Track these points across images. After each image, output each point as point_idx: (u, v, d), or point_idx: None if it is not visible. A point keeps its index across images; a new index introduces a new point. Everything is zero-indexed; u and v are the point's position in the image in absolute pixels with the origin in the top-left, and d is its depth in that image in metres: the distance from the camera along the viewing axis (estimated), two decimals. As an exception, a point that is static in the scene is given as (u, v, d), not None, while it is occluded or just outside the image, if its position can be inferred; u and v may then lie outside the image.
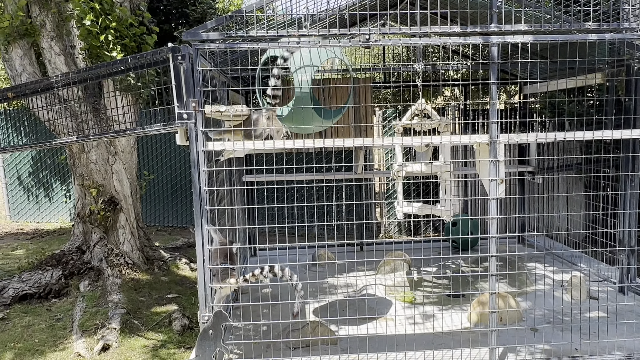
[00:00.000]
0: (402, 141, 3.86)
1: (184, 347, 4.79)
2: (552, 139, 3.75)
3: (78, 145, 6.46)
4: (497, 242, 3.68)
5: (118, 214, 6.63)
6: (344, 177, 7.12)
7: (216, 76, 4.67)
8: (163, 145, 10.25)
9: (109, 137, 4.82)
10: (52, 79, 4.17)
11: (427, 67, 6.41)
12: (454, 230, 7.13)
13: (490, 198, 3.65)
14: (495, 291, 3.68)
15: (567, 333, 4.25)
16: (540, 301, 5.03)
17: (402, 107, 8.57)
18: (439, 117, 4.66)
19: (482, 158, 3.81)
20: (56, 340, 4.92)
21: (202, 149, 3.44)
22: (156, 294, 6.10)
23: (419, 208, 4.71)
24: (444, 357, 3.83)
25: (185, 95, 3.40)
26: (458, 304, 5.26)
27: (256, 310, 4.75)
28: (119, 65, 3.82)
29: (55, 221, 10.74)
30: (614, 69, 5.15)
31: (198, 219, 3.48)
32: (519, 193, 7.46)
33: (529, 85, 6.87)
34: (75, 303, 5.72)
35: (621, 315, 4.58)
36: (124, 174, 6.73)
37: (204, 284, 3.51)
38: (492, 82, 3.52)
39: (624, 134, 3.77)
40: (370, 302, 5.23)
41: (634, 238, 5.15)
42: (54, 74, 6.04)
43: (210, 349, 3.49)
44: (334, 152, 8.45)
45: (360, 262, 6.62)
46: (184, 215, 10.39)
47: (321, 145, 3.60)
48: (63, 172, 10.60)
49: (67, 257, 6.53)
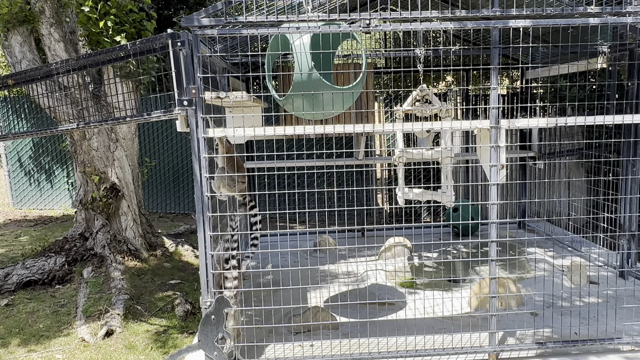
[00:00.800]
0: (403, 127, 3.85)
1: (187, 332, 4.84)
2: (554, 124, 3.74)
3: (79, 133, 6.46)
4: (497, 227, 3.69)
5: (120, 201, 6.66)
6: (345, 163, 7.12)
7: (216, 62, 4.65)
8: (164, 132, 10.25)
9: (110, 124, 4.82)
10: (51, 65, 4.16)
11: (429, 52, 6.36)
12: (454, 215, 7.15)
13: (490, 183, 3.65)
14: (495, 276, 3.70)
15: (567, 317, 4.29)
16: (540, 286, 5.06)
17: (403, 92, 8.54)
18: (440, 103, 4.65)
19: (483, 144, 3.81)
20: (60, 326, 4.97)
21: (202, 135, 3.44)
22: (159, 280, 6.14)
23: (420, 194, 4.72)
24: (444, 342, 3.86)
25: (185, 81, 3.39)
26: (458, 288, 5.29)
27: (258, 295, 4.79)
28: (118, 52, 3.80)
29: (58, 208, 10.79)
30: (616, 53, 5.12)
31: (199, 206, 3.49)
32: (520, 178, 7.45)
33: (530, 70, 6.83)
34: (78, 289, 5.77)
35: (621, 300, 4.60)
36: (126, 161, 6.73)
37: (206, 269, 3.54)
38: (493, 67, 3.51)
39: (625, 119, 3.76)
40: (371, 287, 5.26)
41: (634, 223, 5.16)
42: (54, 61, 6.03)
43: (212, 334, 3.53)
44: (334, 138, 8.44)
45: (361, 248, 6.66)
46: (186, 202, 10.42)
47: (322, 131, 3.60)
48: (65, 159, 10.62)
49: (70, 243, 6.57)
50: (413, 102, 4.69)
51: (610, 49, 5.11)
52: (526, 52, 6.38)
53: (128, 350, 4.47)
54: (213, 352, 3.53)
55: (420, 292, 5.08)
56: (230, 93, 3.57)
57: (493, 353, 3.70)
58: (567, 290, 4.99)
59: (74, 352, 4.44)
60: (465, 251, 6.59)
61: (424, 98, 4.70)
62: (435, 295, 4.91)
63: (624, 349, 3.81)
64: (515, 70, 8.85)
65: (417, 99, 4.74)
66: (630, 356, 3.72)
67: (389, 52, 7.87)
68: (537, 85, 7.15)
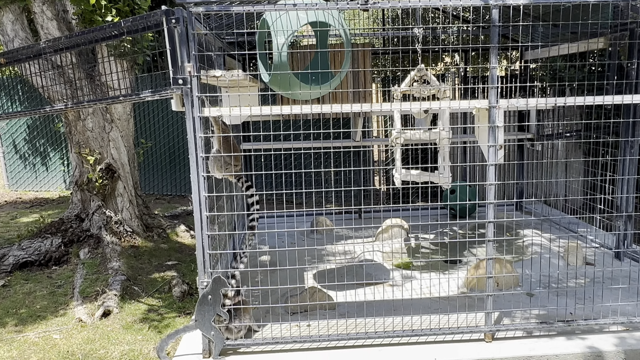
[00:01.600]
0: (400, 107, 3.81)
1: (184, 312, 4.85)
2: (552, 104, 3.71)
3: (74, 113, 6.39)
4: (494, 208, 3.67)
5: (116, 182, 6.62)
6: (342, 144, 7.08)
7: (212, 41, 4.58)
8: (160, 113, 10.16)
9: (104, 104, 4.76)
10: (44, 44, 4.08)
11: (427, 31, 6.29)
12: (452, 197, 7.15)
13: (488, 164, 3.63)
14: (492, 257, 3.70)
15: (562, 298, 4.31)
16: (536, 267, 5.08)
17: (401, 74, 8.47)
18: (439, 83, 4.60)
19: (481, 124, 3.78)
20: (57, 307, 4.98)
21: (198, 114, 3.39)
22: (156, 261, 6.14)
23: (417, 175, 4.70)
24: (441, 322, 3.88)
25: (180, 60, 3.33)
26: (455, 269, 5.31)
27: (255, 276, 4.79)
28: (112, 30, 3.73)
29: (54, 190, 10.75)
30: (617, 33, 5.06)
31: (195, 186, 3.46)
32: (517, 160, 7.44)
33: (530, 51, 6.76)
34: (75, 270, 5.76)
35: (616, 281, 4.62)
36: (121, 141, 6.68)
37: (203, 250, 3.53)
38: (492, 46, 3.46)
39: (625, 99, 3.73)
40: (368, 268, 5.27)
41: (631, 204, 5.16)
42: (47, 39, 5.93)
43: (209, 314, 3.53)
44: (332, 119, 8.39)
45: (358, 229, 6.66)
46: (182, 184, 10.39)
47: (318, 111, 3.56)
48: (59, 141, 10.55)
49: (67, 225, 6.55)
50: (411, 82, 4.64)
51: (611, 28, 5.06)
52: (525, 32, 6.31)
53: (125, 330, 4.48)
54: (210, 331, 3.54)
55: (416, 273, 5.09)
56: (226, 72, 3.52)
57: (489, 333, 3.72)
58: (563, 271, 5.01)
59: (71, 332, 4.45)
60: (461, 232, 6.60)
61: (422, 79, 4.65)
62: (431, 275, 4.93)
63: (618, 329, 3.84)
64: (514, 51, 8.78)
65: (415, 79, 4.69)
66: (625, 336, 3.74)
67: (387, 32, 7.78)
68: (535, 66, 7.10)
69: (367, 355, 3.56)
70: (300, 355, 3.59)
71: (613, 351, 3.57)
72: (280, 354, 3.62)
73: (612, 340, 3.68)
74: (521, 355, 3.54)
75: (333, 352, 3.63)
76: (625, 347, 3.58)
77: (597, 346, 3.60)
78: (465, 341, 3.73)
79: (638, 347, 3.59)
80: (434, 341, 3.73)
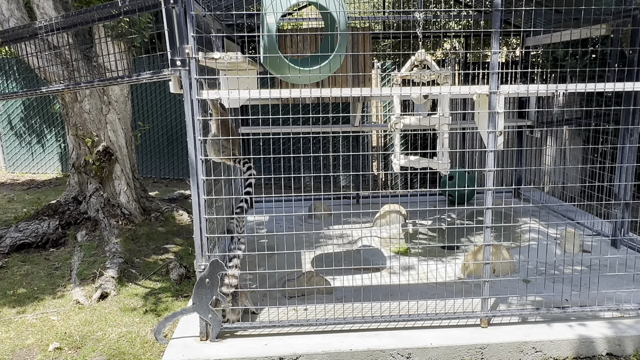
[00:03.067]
0: (400, 92, 3.78)
1: (182, 295, 4.86)
2: (553, 90, 3.68)
3: (71, 95, 6.34)
4: (493, 194, 3.67)
5: (113, 165, 6.59)
6: (341, 129, 7.06)
7: (210, 23, 4.53)
8: (158, 95, 10.09)
9: (101, 85, 4.71)
10: (40, 23, 4.03)
11: (428, 16, 6.23)
12: (450, 183, 7.14)
13: (488, 150, 3.61)
14: (489, 243, 3.71)
15: (558, 285, 4.33)
16: (533, 254, 5.10)
17: (401, 59, 8.41)
18: (439, 69, 4.56)
19: (481, 109, 3.75)
20: (55, 288, 4.98)
21: (196, 97, 3.36)
22: (153, 244, 6.15)
23: (416, 161, 4.68)
24: (437, 307, 3.90)
25: (179, 41, 3.29)
26: (452, 255, 5.33)
27: (252, 260, 4.80)
28: (109, 10, 3.68)
29: (51, 172, 10.71)
30: (619, 19, 5.01)
31: (193, 169, 3.45)
32: (517, 147, 7.43)
33: (531, 37, 6.71)
34: (73, 252, 5.76)
35: (612, 268, 4.65)
36: (119, 124, 6.64)
37: (200, 233, 3.52)
38: (494, 31, 3.42)
39: (626, 87, 3.70)
40: (365, 253, 5.29)
41: (629, 192, 5.16)
42: (43, 19, 5.85)
43: (207, 297, 3.54)
44: (331, 104, 8.35)
45: (355, 214, 6.67)
46: (180, 167, 10.36)
47: (317, 94, 3.53)
48: (56, 123, 10.48)
49: (64, 207, 6.53)
50: (411, 67, 4.60)
51: (613, 15, 5.01)
52: (527, 18, 6.25)
53: (123, 312, 4.50)
54: (208, 314, 3.55)
55: (414, 259, 5.11)
56: (224, 54, 3.48)
57: (485, 318, 3.74)
58: (559, 258, 5.03)
59: (69, 314, 4.46)
60: (459, 220, 6.61)
61: (422, 64, 4.61)
62: (428, 261, 4.94)
63: (612, 316, 3.86)
64: (515, 37, 8.71)
65: (415, 64, 4.65)
66: (619, 322, 3.77)
67: (387, 16, 7.71)
68: (536, 52, 7.05)
69: (363, 340, 3.58)
70: (297, 339, 3.61)
71: (607, 337, 3.60)
72: (277, 337, 3.64)
73: (606, 326, 3.71)
74: (516, 340, 3.57)
75: (330, 335, 3.65)
76: (618, 334, 3.61)
77: (591, 332, 3.63)
78: (462, 326, 3.76)
79: (631, 333, 3.62)
80: (431, 326, 3.75)
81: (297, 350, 3.47)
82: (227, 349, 3.50)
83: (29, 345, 3.96)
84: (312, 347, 3.50)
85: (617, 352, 3.61)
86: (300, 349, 3.48)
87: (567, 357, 3.59)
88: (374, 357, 3.49)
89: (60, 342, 3.97)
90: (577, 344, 3.58)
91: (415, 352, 3.51)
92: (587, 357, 3.59)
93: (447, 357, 3.53)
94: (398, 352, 3.50)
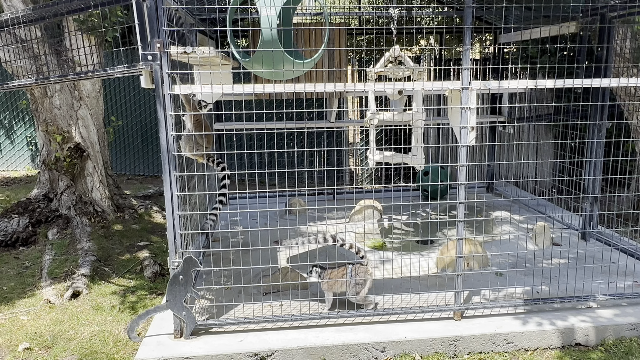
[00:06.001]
0: (374, 87, 3.80)
1: (156, 293, 4.81)
2: (524, 86, 3.75)
3: (40, 90, 6.18)
4: (465, 189, 3.72)
5: (85, 162, 6.47)
6: (317, 125, 7.05)
7: (183, 17, 4.47)
8: (131, 91, 9.93)
9: (71, 80, 4.61)
10: (7, 16, 3.92)
11: (403, 12, 6.26)
12: (425, 179, 7.21)
13: (460, 145, 3.66)
14: (462, 237, 3.76)
15: (530, 277, 4.41)
16: (505, 247, 5.19)
17: (376, 55, 8.43)
18: (413, 65, 4.59)
19: (453, 105, 3.80)
20: (25, 288, 4.87)
21: (168, 92, 3.32)
22: (127, 241, 6.06)
23: (391, 156, 4.71)
24: (412, 301, 3.94)
25: (150, 35, 3.24)
26: (427, 250, 5.38)
27: (227, 256, 4.77)
28: (79, 3, 3.60)
29: (21, 169, 10.46)
30: (588, 17, 5.12)
31: (166, 165, 3.40)
32: (490, 142, 7.53)
33: (503, 34, 6.81)
34: (43, 251, 5.64)
35: (582, 261, 4.76)
36: (90, 120, 6.51)
37: (174, 230, 3.49)
38: (466, 27, 3.46)
39: (594, 83, 3.79)
40: (340, 248, 5.30)
41: (597, 186, 5.29)
42: (10, 12, 5.69)
43: (181, 294, 3.51)
44: (305, 99, 8.33)
45: (332, 210, 6.68)
46: (155, 164, 10.22)
47: (292, 90, 3.52)
48: (26, 119, 10.23)
49: (34, 204, 6.38)
50: (386, 63, 4.62)
51: (582, 13, 5.11)
52: (500, 15, 6.33)
53: (95, 311, 4.42)
54: (181, 312, 3.52)
55: (389, 254, 5.15)
56: (197, 48, 3.44)
57: (458, 311, 3.80)
58: (531, 251, 5.13)
59: (39, 314, 4.37)
60: (433, 214, 6.68)
61: (396, 59, 4.63)
62: (403, 256, 4.98)
63: (581, 307, 3.96)
64: (488, 34, 8.83)
65: (389, 60, 4.67)
66: (587, 313, 3.87)
67: (363, 12, 7.73)
68: (509, 50, 7.15)
69: (338, 334, 3.60)
70: (272, 335, 3.61)
71: (576, 328, 3.69)
72: (252, 333, 3.63)
73: (576, 317, 3.80)
74: (488, 332, 3.63)
75: (305, 331, 3.66)
76: (587, 324, 3.71)
77: (561, 323, 3.72)
78: (435, 319, 3.80)
79: (600, 324, 3.72)
80: (405, 320, 3.79)
81: (273, 345, 3.47)
82: (201, 345, 3.48)
83: (-2, 346, 3.87)
84: (288, 343, 3.50)
85: (586, 342, 3.70)
86: (275, 345, 3.48)
87: (538, 348, 3.67)
88: (349, 351, 3.51)
89: (30, 342, 3.89)
90: (547, 334, 3.66)
91: (390, 346, 3.54)
92: (557, 347, 3.68)
93: (421, 349, 3.57)
94: (373, 346, 3.53)
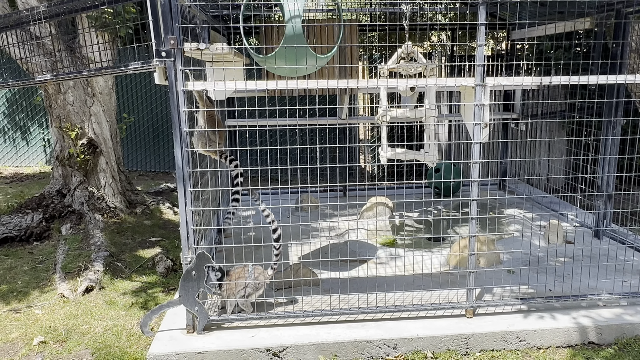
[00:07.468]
0: (386, 84, 3.79)
1: (168, 288, 4.84)
2: (538, 82, 3.72)
3: (54, 86, 6.24)
4: (478, 186, 3.70)
5: (98, 158, 6.52)
6: (328, 122, 7.05)
7: (196, 14, 4.48)
8: (144, 87, 9.98)
9: (85, 76, 4.65)
10: (22, 13, 3.96)
11: (415, 8, 6.23)
12: (436, 176, 7.18)
13: (473, 142, 3.64)
14: (474, 234, 3.74)
15: (542, 275, 4.38)
16: (518, 245, 5.16)
17: (388, 51, 8.40)
18: (425, 61, 4.57)
19: (467, 102, 3.77)
20: (39, 282, 4.93)
21: (181, 88, 3.33)
22: (139, 237, 6.10)
23: (403, 153, 4.69)
24: (423, 298, 3.93)
25: (164, 32, 3.26)
26: (438, 247, 5.37)
27: (239, 252, 4.79)
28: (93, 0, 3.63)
29: (35, 165, 10.56)
30: (603, 13, 5.06)
31: (179, 162, 3.42)
32: (502, 139, 7.48)
33: (517, 30, 6.75)
34: (57, 246, 5.70)
35: (595, 259, 4.72)
36: (103, 116, 6.56)
37: (187, 226, 3.51)
38: (480, 23, 3.44)
39: (609, 79, 3.75)
40: (352, 245, 5.30)
41: (611, 184, 5.23)
42: (24, 9, 5.75)
43: (193, 289, 3.53)
44: (317, 96, 8.33)
45: (343, 207, 6.68)
46: (166, 160, 10.28)
47: (304, 86, 3.52)
48: (39, 116, 10.33)
49: (48, 200, 6.45)
50: (398, 60, 4.60)
51: (597, 8, 5.05)
52: (513, 11, 6.28)
53: (108, 305, 4.47)
54: (194, 307, 3.54)
55: (400, 251, 5.14)
56: (210, 45, 3.45)
57: (470, 309, 3.78)
58: (543, 249, 5.10)
59: (54, 308, 4.42)
60: (445, 212, 6.66)
61: (408, 56, 4.61)
62: (415, 253, 4.97)
63: (595, 305, 3.92)
64: (501, 30, 8.75)
65: (401, 56, 4.65)
66: (601, 311, 3.83)
67: (374, 8, 7.70)
68: (522, 45, 7.09)
69: (350, 331, 3.60)
70: (284, 330, 3.62)
71: (589, 326, 3.66)
72: (264, 329, 3.64)
73: (589, 315, 3.77)
74: (501, 330, 3.61)
75: (317, 327, 3.66)
76: (601, 323, 3.68)
77: (574, 322, 3.69)
78: (447, 317, 3.79)
79: (613, 322, 3.68)
80: (417, 317, 3.78)
81: (285, 341, 3.48)
82: (213, 341, 3.50)
83: (13, 340, 3.92)
84: (300, 339, 3.51)
85: (599, 341, 3.67)
86: (287, 340, 3.49)
87: (551, 346, 3.64)
88: (360, 347, 3.52)
89: (44, 336, 3.93)
90: (560, 333, 3.64)
91: (402, 343, 3.54)
92: (570, 345, 3.65)
93: (433, 347, 3.56)
94: (384, 342, 3.53)
